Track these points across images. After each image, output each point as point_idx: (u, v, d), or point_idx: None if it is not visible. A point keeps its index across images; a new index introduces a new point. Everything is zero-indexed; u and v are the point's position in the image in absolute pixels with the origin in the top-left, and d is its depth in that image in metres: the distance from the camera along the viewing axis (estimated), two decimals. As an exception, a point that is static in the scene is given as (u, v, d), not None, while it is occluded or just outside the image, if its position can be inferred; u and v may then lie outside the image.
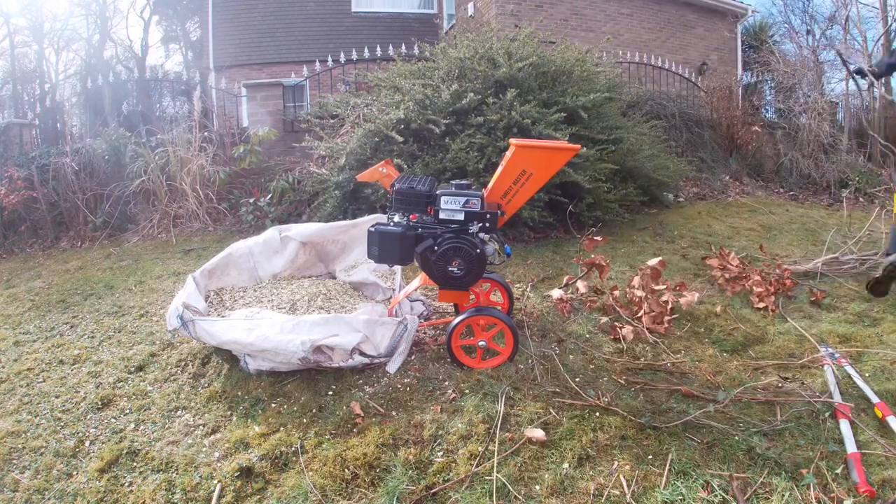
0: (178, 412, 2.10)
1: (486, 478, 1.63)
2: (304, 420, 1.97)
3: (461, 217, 2.20)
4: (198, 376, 2.33)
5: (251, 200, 5.32)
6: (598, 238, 2.94)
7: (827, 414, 1.86)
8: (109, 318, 3.11)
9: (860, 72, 3.55)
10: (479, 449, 1.74)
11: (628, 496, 1.55)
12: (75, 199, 5.59)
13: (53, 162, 5.68)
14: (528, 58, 4.45)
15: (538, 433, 1.78)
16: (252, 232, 4.86)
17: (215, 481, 1.69)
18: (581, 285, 2.95)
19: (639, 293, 2.72)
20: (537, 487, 1.60)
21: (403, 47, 7.15)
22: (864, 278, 3.05)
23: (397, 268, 2.87)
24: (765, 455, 1.67)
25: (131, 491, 1.69)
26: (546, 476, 1.63)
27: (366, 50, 7.83)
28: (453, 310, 2.75)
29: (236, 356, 2.30)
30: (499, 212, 2.23)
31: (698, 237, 4.38)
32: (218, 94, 7.98)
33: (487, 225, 2.20)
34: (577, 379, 2.15)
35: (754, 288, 2.96)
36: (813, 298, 2.95)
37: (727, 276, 3.12)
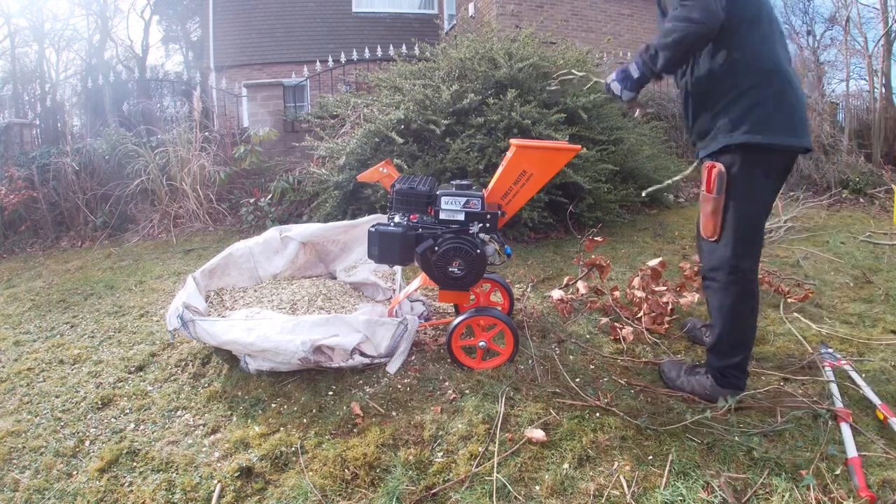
0: (178, 412, 2.10)
1: (487, 478, 1.63)
2: (304, 420, 1.97)
3: (462, 217, 2.20)
4: (198, 376, 2.33)
5: (251, 200, 5.32)
6: (599, 238, 2.94)
7: (827, 416, 1.85)
8: (110, 317, 3.11)
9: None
10: (480, 449, 1.74)
11: (628, 496, 1.55)
12: (75, 199, 5.60)
13: (54, 162, 5.69)
14: (528, 58, 4.46)
15: (538, 434, 1.78)
16: (252, 232, 4.87)
17: (215, 481, 1.69)
18: (581, 286, 2.95)
19: (639, 294, 2.72)
20: (537, 488, 1.60)
21: (404, 47, 7.16)
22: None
23: (398, 268, 2.87)
24: (764, 456, 1.67)
25: (131, 491, 1.69)
26: (546, 476, 1.63)
27: (366, 50, 7.83)
28: (453, 310, 2.75)
29: (236, 356, 2.30)
30: (499, 212, 2.23)
31: (698, 238, 4.38)
32: (218, 94, 7.98)
33: (488, 225, 2.20)
34: (578, 379, 2.15)
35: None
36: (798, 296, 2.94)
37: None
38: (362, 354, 2.21)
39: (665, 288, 2.77)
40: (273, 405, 2.07)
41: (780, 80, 1.83)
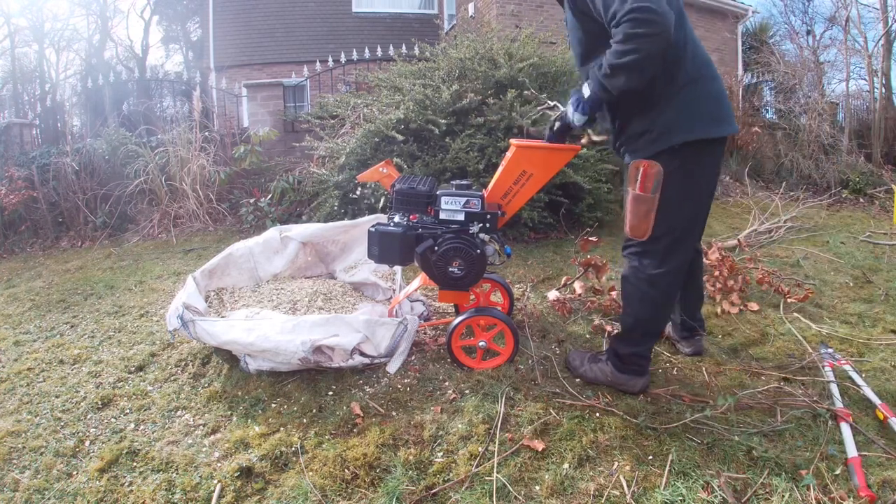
0: (178, 412, 2.10)
1: (487, 478, 1.63)
2: (304, 420, 1.97)
3: (461, 217, 2.20)
4: (198, 376, 2.33)
5: (251, 201, 5.32)
6: (593, 238, 2.94)
7: (827, 416, 1.86)
8: (109, 317, 3.11)
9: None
10: (480, 449, 1.74)
11: (628, 496, 1.55)
12: (75, 198, 5.60)
13: (54, 162, 5.68)
14: (528, 58, 4.46)
15: (536, 443, 1.76)
16: (252, 232, 4.87)
17: (215, 481, 1.69)
18: (578, 286, 2.95)
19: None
20: (537, 488, 1.60)
21: (404, 47, 7.16)
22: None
23: (398, 268, 2.87)
24: (764, 456, 1.67)
25: (131, 491, 1.69)
26: (546, 477, 1.63)
27: (366, 50, 7.83)
28: (453, 310, 2.75)
29: (236, 356, 2.30)
30: (499, 212, 2.23)
31: (698, 238, 4.37)
32: (218, 94, 7.98)
33: (488, 225, 2.20)
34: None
35: (716, 284, 2.93)
36: (795, 296, 2.93)
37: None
38: (362, 354, 2.21)
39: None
40: (273, 405, 2.07)
41: (709, 73, 1.84)
